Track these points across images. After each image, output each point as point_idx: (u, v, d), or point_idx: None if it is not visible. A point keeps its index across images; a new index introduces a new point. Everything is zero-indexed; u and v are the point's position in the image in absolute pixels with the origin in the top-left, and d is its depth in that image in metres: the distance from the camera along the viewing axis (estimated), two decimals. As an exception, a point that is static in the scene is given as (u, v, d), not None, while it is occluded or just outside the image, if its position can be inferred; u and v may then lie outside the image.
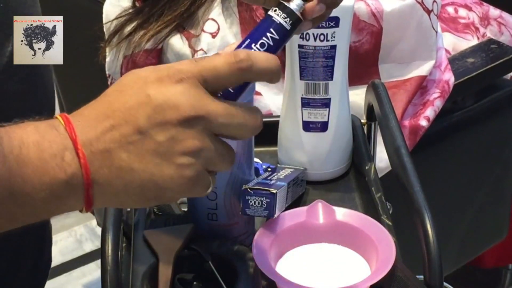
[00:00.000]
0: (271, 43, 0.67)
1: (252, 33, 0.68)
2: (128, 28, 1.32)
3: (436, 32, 1.36)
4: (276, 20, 0.68)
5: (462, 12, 1.53)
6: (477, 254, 1.69)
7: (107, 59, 1.36)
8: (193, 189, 0.64)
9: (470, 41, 1.51)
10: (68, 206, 0.63)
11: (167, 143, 0.62)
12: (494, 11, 1.56)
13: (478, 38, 1.52)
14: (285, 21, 0.68)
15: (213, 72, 0.64)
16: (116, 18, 1.33)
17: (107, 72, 1.37)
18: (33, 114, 0.92)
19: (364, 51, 1.30)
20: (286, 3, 0.68)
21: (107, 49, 1.35)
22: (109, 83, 1.38)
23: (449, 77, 1.37)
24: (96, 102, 0.64)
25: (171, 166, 0.63)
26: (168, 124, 0.62)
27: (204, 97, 0.63)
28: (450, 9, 1.53)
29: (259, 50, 0.67)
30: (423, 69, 1.35)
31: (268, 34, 0.67)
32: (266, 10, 0.71)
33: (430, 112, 1.34)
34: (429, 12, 1.33)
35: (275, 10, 0.68)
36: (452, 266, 1.60)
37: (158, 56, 1.33)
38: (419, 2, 1.32)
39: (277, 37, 0.68)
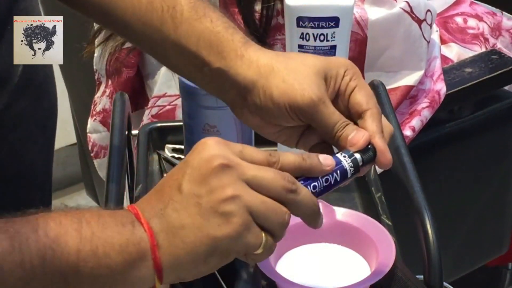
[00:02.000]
0: (332, 181, 0.73)
1: None
2: None
3: (428, 41, 1.34)
4: (344, 165, 0.73)
5: (472, 22, 1.50)
6: (474, 268, 1.67)
7: (95, 55, 1.37)
8: (244, 236, 0.66)
9: (476, 52, 1.48)
10: (140, 275, 0.66)
11: (207, 194, 0.66)
12: (507, 22, 1.53)
13: (486, 49, 1.49)
14: (350, 169, 0.73)
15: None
16: None
17: (94, 67, 1.38)
18: (39, 128, 0.95)
19: (348, 59, 1.29)
20: (356, 155, 0.74)
21: (96, 45, 1.35)
22: (96, 78, 1.39)
23: (440, 87, 1.35)
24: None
25: (216, 215, 0.65)
26: (204, 176, 0.66)
27: (233, 154, 0.67)
28: (459, 20, 1.51)
29: (323, 183, 0.72)
30: (410, 79, 1.33)
31: (334, 174, 0.73)
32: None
33: (416, 122, 1.32)
34: (420, 21, 1.31)
35: (344, 156, 0.73)
36: (446, 278, 1.59)
37: (139, 54, 1.33)
38: (407, 12, 1.30)
39: (338, 179, 0.73)
